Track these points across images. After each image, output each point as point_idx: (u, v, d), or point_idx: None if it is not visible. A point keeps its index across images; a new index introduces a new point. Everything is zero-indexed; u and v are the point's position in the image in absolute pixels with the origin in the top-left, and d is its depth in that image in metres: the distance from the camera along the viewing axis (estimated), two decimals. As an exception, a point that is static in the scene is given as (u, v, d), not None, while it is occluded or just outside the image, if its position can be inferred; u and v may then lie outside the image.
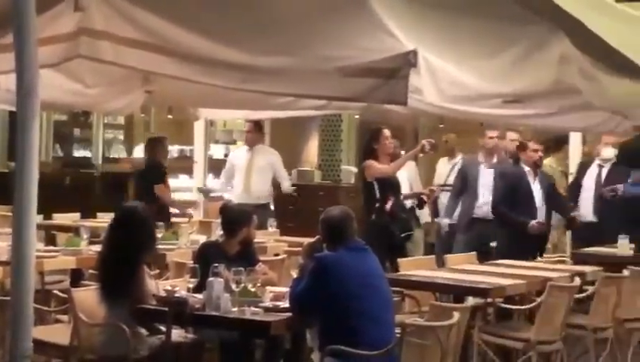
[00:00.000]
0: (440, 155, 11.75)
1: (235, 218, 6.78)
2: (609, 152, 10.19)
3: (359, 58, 5.27)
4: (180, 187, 12.86)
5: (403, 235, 9.45)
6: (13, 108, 4.86)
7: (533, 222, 9.01)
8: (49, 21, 5.52)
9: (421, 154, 10.08)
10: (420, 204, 10.53)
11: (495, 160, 10.07)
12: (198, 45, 5.31)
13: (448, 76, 5.82)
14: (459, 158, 11.29)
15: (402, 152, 10.59)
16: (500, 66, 5.96)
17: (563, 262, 9.10)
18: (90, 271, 7.18)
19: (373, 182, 9.30)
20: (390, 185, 9.43)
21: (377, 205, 9.28)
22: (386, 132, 9.45)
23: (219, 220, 7.10)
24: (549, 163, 10.64)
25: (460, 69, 5.80)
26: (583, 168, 10.48)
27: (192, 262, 6.52)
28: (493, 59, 5.94)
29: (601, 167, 10.28)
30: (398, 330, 5.50)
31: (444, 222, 10.41)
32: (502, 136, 10.06)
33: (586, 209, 10.18)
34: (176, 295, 5.77)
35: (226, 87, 5.94)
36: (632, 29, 7.22)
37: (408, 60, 5.21)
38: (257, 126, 11.21)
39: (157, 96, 8.88)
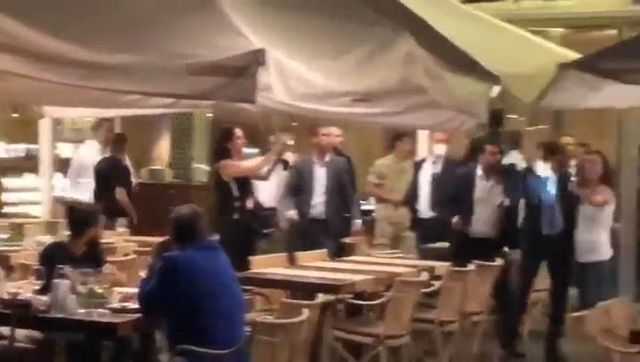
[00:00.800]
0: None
1: (81, 218, 6.65)
2: (440, 149, 10.48)
3: (207, 56, 5.24)
4: (26, 186, 12.54)
5: (265, 232, 9.53)
6: None
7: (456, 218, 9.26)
8: None
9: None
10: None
11: (328, 158, 9.95)
12: (37, 41, 5.18)
13: (297, 75, 5.86)
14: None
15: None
16: (348, 65, 6.03)
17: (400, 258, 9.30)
18: None
19: (230, 181, 9.25)
20: (247, 183, 9.44)
21: (237, 204, 9.25)
22: (238, 131, 9.42)
23: (65, 220, 6.96)
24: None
25: (308, 68, 5.85)
26: (417, 166, 10.73)
27: (37, 263, 6.37)
28: (340, 58, 6.02)
29: (434, 163, 10.57)
30: (248, 328, 5.50)
31: (292, 213, 10.05)
32: (329, 133, 9.97)
33: (423, 205, 10.45)
34: (20, 297, 5.62)
35: (66, 84, 5.80)
36: (477, 28, 7.44)
37: (257, 59, 5.21)
38: (108, 124, 11.08)
39: (0, 94, 8.61)
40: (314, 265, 8.06)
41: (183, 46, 5.35)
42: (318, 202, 9.81)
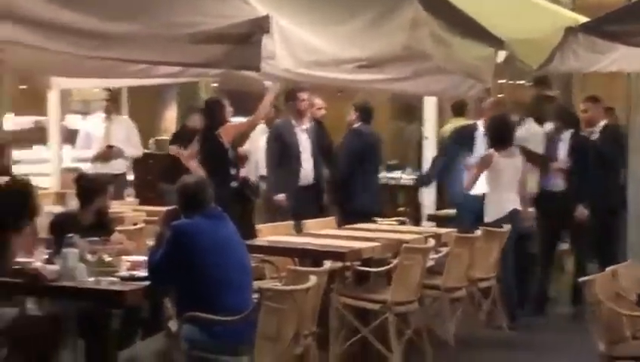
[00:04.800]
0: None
1: (89, 187, 6.69)
2: None
3: (211, 24, 5.24)
4: (36, 158, 12.55)
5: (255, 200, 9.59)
6: None
7: None
8: None
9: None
10: None
11: (307, 124, 9.75)
12: (44, 11, 5.18)
13: (302, 42, 5.85)
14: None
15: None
16: (353, 31, 6.03)
17: (404, 223, 9.32)
18: None
19: (228, 149, 9.24)
20: (236, 154, 9.48)
21: (234, 172, 9.28)
22: (225, 101, 9.43)
23: (74, 191, 6.98)
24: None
25: (313, 34, 5.84)
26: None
27: (47, 233, 6.42)
28: (345, 24, 6.01)
29: None
30: (256, 295, 5.53)
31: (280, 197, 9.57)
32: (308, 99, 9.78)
33: None
34: (31, 266, 5.66)
35: (73, 54, 5.80)
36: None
37: (261, 26, 5.21)
38: (113, 95, 11.08)
39: (7, 65, 8.62)
40: (321, 233, 8.08)
41: (187, 14, 5.34)
42: (307, 168, 9.66)
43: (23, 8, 5.19)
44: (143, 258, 5.80)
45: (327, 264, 6.48)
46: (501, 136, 8.81)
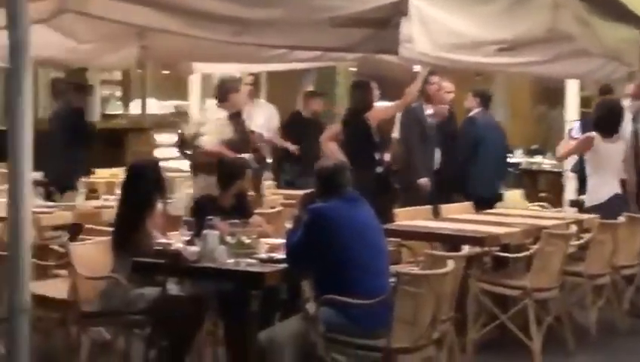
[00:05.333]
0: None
1: (229, 171, 6.80)
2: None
3: (350, 8, 5.24)
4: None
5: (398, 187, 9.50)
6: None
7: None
8: (39, -24, 5.49)
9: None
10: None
11: (434, 109, 9.64)
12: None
13: (441, 24, 5.79)
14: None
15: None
16: (493, 13, 5.92)
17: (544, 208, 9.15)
18: (88, 225, 7.22)
19: (374, 133, 9.17)
20: (381, 136, 9.39)
21: (378, 156, 9.21)
22: (374, 84, 9.33)
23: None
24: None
25: (451, 16, 5.77)
26: None
27: (187, 215, 6.56)
28: (485, 5, 5.91)
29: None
30: (393, 280, 5.52)
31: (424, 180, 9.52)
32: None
33: None
34: (172, 247, 5.79)
35: (215, 40, 5.90)
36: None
37: (399, 9, 5.19)
38: (255, 79, 11.20)
39: (151, 51, 8.85)
40: (459, 218, 8.02)
41: (326, -1, 5.36)
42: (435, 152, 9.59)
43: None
44: (282, 240, 5.86)
45: (465, 249, 6.42)
46: (606, 123, 8.54)
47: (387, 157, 9.42)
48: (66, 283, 6.24)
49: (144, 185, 6.26)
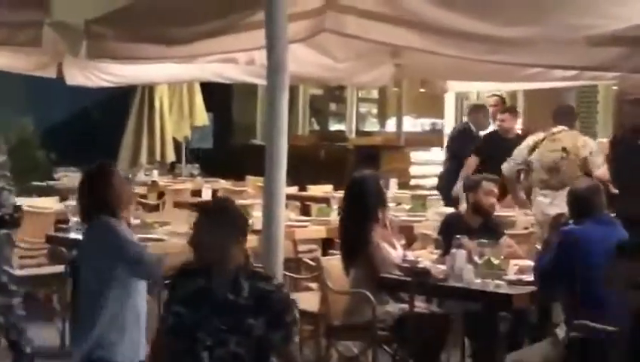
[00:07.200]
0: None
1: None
2: None
3: (607, 26, 5.09)
4: (432, 160, 12.87)
5: None
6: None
7: None
8: (297, -3, 5.67)
9: None
10: None
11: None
12: (441, 17, 5.30)
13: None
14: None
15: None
16: None
17: None
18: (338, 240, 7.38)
19: None
20: None
21: None
22: None
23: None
24: None
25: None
26: None
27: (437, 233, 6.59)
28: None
29: None
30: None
31: None
32: None
33: None
34: (420, 265, 5.83)
35: (468, 59, 5.89)
36: None
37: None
38: (503, 101, 10.98)
39: (406, 69, 8.93)
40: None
41: (582, 17, 5.23)
42: None
43: (422, 16, 5.35)
44: (530, 262, 5.77)
45: None
46: None
47: None
48: (317, 296, 6.40)
49: (367, 198, 6.30)
